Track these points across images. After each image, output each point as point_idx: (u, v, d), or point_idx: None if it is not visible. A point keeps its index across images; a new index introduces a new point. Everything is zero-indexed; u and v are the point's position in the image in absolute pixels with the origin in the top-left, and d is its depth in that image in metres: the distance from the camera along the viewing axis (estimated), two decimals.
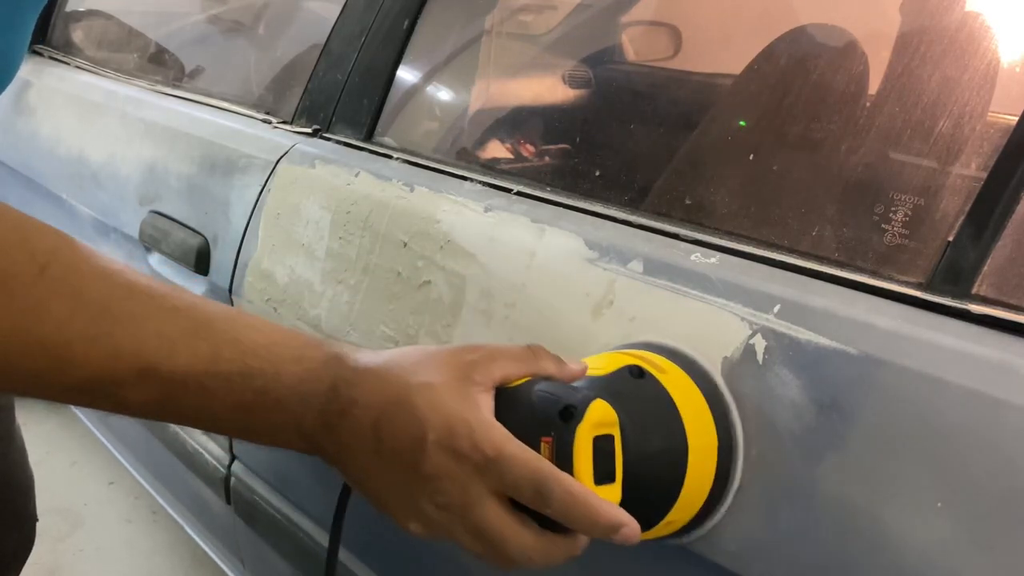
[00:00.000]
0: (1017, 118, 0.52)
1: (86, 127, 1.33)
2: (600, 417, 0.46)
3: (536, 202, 0.73)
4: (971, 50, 0.63)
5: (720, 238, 0.62)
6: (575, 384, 0.50)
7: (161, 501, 1.40)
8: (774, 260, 0.58)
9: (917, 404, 0.47)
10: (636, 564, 0.61)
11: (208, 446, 1.12)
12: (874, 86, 0.76)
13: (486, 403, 0.47)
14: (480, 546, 0.46)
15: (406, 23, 0.93)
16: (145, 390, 0.45)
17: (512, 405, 0.47)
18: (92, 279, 0.44)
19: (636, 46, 1.43)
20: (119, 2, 1.76)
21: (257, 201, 0.94)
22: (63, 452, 1.90)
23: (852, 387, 0.49)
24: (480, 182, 0.78)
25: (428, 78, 1.04)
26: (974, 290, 0.50)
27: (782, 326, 0.53)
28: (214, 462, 1.10)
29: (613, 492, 0.46)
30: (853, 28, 0.79)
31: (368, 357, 0.49)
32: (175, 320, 0.46)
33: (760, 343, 0.53)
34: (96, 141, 1.28)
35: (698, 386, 0.53)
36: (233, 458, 1.08)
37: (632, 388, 0.50)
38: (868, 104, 0.76)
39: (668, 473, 0.50)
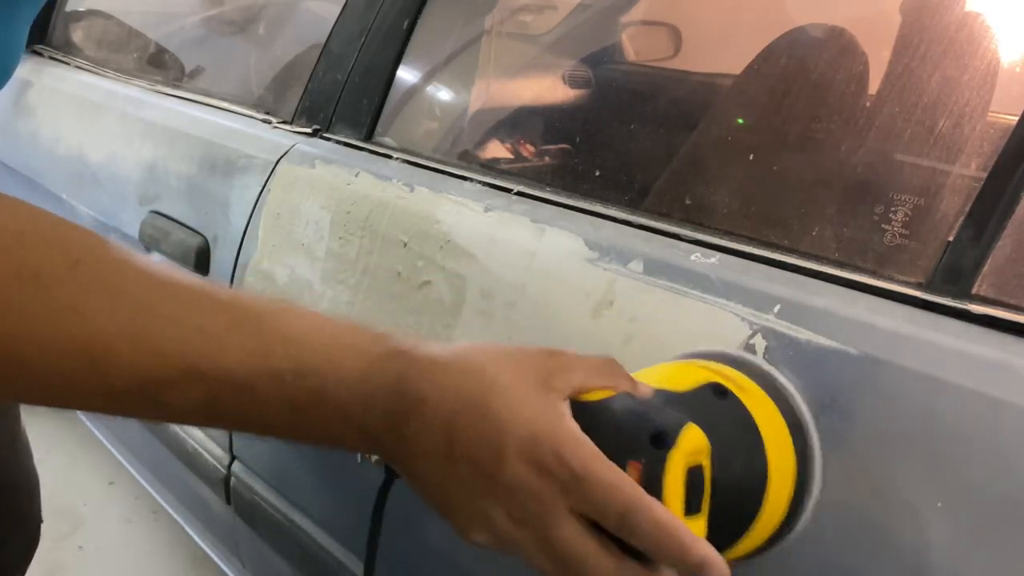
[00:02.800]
0: (1017, 118, 0.52)
1: (86, 127, 1.33)
2: (693, 446, 0.43)
3: (536, 202, 0.73)
4: (971, 50, 0.63)
5: (720, 238, 0.62)
6: (658, 402, 0.46)
7: (161, 501, 1.40)
8: (774, 260, 0.58)
9: (917, 404, 0.47)
10: None
11: (208, 446, 1.12)
12: (874, 86, 0.76)
13: (568, 413, 0.44)
14: (551, 565, 0.43)
15: (406, 23, 0.93)
16: (191, 392, 0.42)
17: (596, 420, 0.44)
18: (129, 275, 0.42)
19: (636, 46, 1.43)
20: (119, 2, 1.76)
21: (257, 201, 0.94)
22: (63, 452, 1.90)
23: (852, 387, 0.49)
24: (480, 182, 0.78)
25: (428, 78, 1.04)
26: (974, 290, 0.50)
27: (782, 326, 0.53)
28: (214, 462, 1.10)
29: (699, 525, 0.44)
30: (853, 28, 0.79)
31: (437, 351, 0.45)
32: (220, 316, 0.42)
33: (760, 343, 0.53)
34: (96, 141, 1.28)
35: (775, 402, 0.50)
36: (233, 458, 1.08)
37: (715, 409, 0.47)
38: (868, 104, 0.76)
39: (745, 506, 0.47)
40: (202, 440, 1.14)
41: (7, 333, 0.38)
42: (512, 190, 0.75)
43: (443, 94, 1.09)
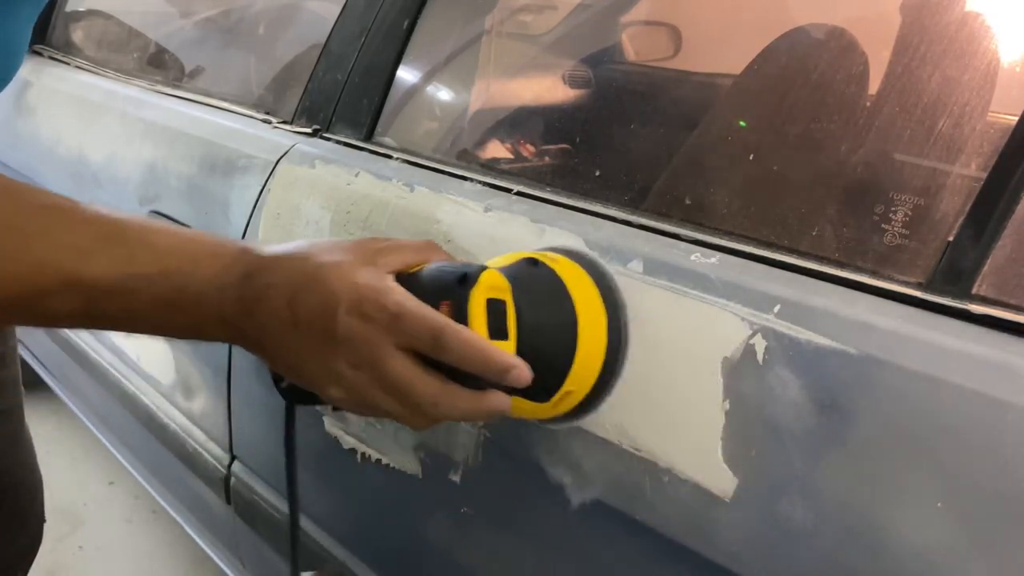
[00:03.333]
0: (1017, 118, 0.52)
1: (86, 127, 1.33)
2: (492, 281, 0.52)
3: (536, 202, 0.73)
4: (971, 50, 0.63)
5: (720, 238, 0.62)
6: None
7: (161, 501, 1.40)
8: (774, 260, 0.58)
9: (917, 404, 0.47)
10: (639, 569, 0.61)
11: (208, 446, 1.12)
12: (874, 86, 0.76)
13: (392, 279, 0.52)
14: (392, 402, 0.50)
15: (406, 23, 0.93)
16: (69, 299, 0.48)
17: (416, 283, 0.53)
18: (2, 201, 0.47)
19: (636, 46, 1.43)
20: (119, 2, 1.76)
21: (257, 201, 0.94)
22: (63, 452, 1.91)
23: (852, 387, 0.49)
24: (480, 182, 0.78)
25: (428, 78, 1.04)
26: (974, 290, 0.50)
27: (782, 326, 0.53)
28: (214, 462, 1.10)
29: (507, 348, 0.52)
30: (853, 28, 0.79)
31: (279, 247, 0.54)
32: (88, 230, 0.49)
33: (760, 343, 0.53)
34: (96, 141, 1.28)
35: (589, 274, 0.59)
36: (233, 458, 1.08)
37: (526, 272, 0.56)
38: (868, 104, 0.76)
39: (560, 343, 0.55)
40: (202, 440, 1.14)
41: None
42: (512, 190, 0.75)
43: (443, 94, 1.09)
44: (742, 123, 0.81)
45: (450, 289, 0.52)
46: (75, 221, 0.49)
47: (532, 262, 0.57)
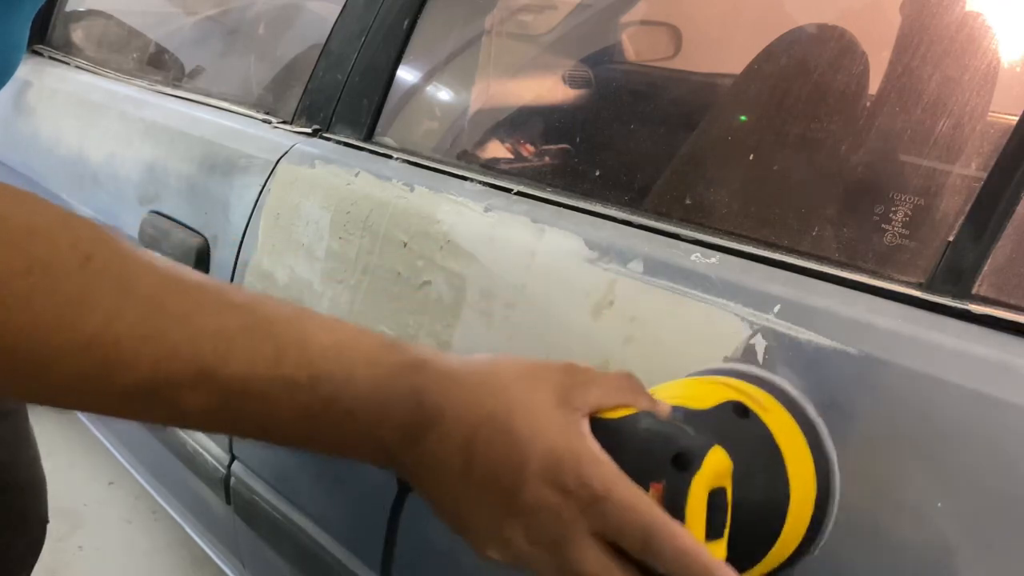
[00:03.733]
0: (1017, 118, 0.52)
1: (86, 127, 1.33)
2: (717, 468, 0.42)
3: (536, 202, 0.73)
4: (971, 50, 0.63)
5: (720, 238, 0.62)
6: (680, 422, 0.45)
7: (161, 501, 1.40)
8: (774, 260, 0.58)
9: (917, 404, 0.47)
10: None
11: (208, 446, 1.12)
12: (874, 86, 0.76)
13: (588, 432, 0.43)
14: None
15: (406, 23, 0.93)
16: (202, 395, 0.41)
17: (616, 439, 0.43)
18: (140, 271, 0.40)
19: (636, 46, 1.43)
20: (119, 2, 1.76)
21: (257, 201, 0.94)
22: (63, 452, 1.90)
23: (852, 387, 0.49)
24: (480, 182, 0.78)
25: (428, 78, 1.04)
26: (974, 290, 0.50)
27: (782, 326, 0.53)
28: (214, 462, 1.10)
29: (720, 549, 0.43)
30: (853, 28, 0.79)
31: (456, 363, 0.44)
32: (233, 318, 0.41)
33: (760, 343, 0.53)
34: (96, 141, 1.28)
35: (799, 426, 0.50)
36: (233, 458, 1.08)
37: (737, 429, 0.47)
38: (868, 104, 0.76)
39: (766, 526, 0.47)
40: (202, 440, 1.13)
41: (17, 327, 0.37)
42: (512, 190, 0.75)
43: (443, 94, 1.08)
44: (743, 119, 0.81)
45: (663, 468, 0.41)
46: (220, 303, 0.41)
47: (741, 410, 0.48)
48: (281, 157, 0.95)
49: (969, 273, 0.50)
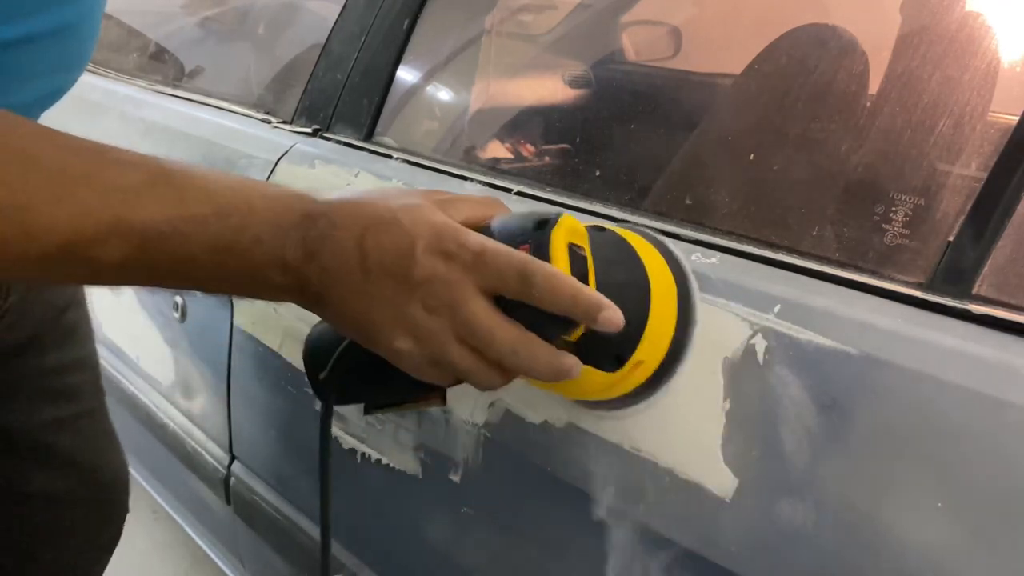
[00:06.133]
0: (1017, 118, 0.52)
1: (86, 127, 1.33)
2: (573, 225, 0.50)
3: (536, 202, 0.73)
4: (971, 50, 0.63)
5: (720, 238, 0.62)
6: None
7: (161, 501, 1.40)
8: (774, 260, 0.58)
9: (917, 404, 0.47)
10: None
11: (208, 446, 1.12)
12: (874, 86, 0.76)
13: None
14: (467, 353, 0.48)
15: (406, 23, 0.93)
16: (118, 247, 0.44)
17: (488, 235, 0.50)
18: (38, 140, 0.44)
19: (636, 46, 1.43)
20: (119, 2, 1.76)
21: None
22: None
23: (852, 387, 0.49)
24: (480, 182, 0.78)
25: (428, 78, 1.04)
26: (974, 290, 0.50)
27: (782, 326, 0.53)
28: (214, 462, 1.10)
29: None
30: (853, 28, 0.79)
31: (335, 194, 0.50)
32: (134, 173, 0.46)
33: (760, 343, 0.53)
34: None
35: (654, 246, 0.58)
36: (233, 458, 1.08)
37: (596, 235, 0.54)
38: (868, 104, 0.76)
39: (634, 306, 0.52)
40: (202, 440, 1.14)
41: None
42: (512, 190, 0.75)
43: (443, 94, 1.08)
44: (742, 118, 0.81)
45: (527, 233, 0.49)
46: (119, 162, 0.46)
47: (598, 228, 0.56)
48: (281, 157, 0.95)
49: (969, 273, 0.51)
